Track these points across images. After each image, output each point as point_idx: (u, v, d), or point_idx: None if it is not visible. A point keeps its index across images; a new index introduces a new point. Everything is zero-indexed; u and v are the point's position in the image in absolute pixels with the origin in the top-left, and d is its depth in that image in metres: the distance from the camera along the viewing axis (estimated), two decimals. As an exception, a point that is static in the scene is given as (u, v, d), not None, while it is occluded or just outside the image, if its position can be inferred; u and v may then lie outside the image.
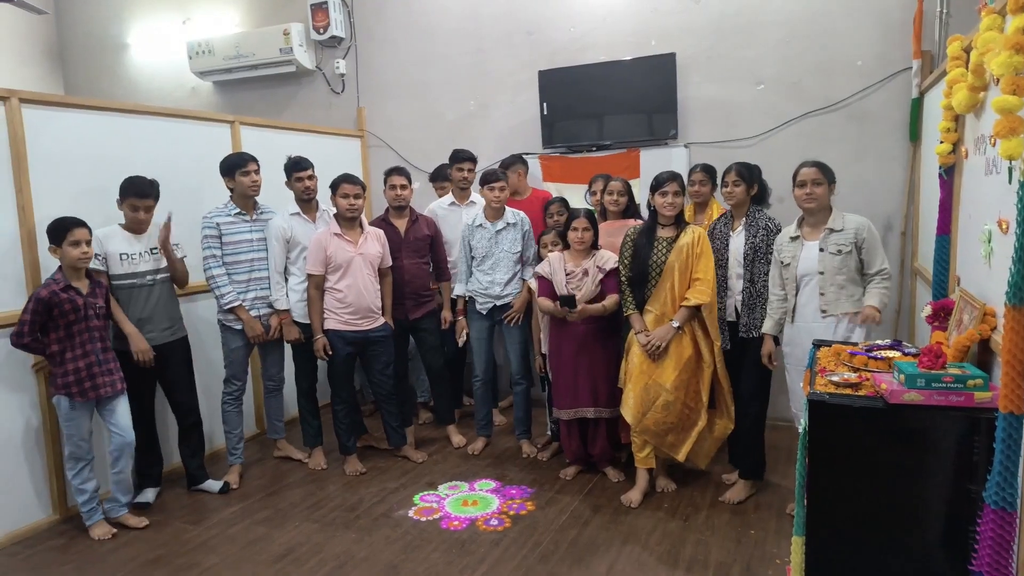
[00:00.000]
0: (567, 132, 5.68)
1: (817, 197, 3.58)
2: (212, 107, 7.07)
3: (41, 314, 3.59)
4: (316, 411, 4.78)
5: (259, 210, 4.50)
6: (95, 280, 3.82)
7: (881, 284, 3.49)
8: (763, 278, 3.82)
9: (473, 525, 3.84)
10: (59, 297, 3.60)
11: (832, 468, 2.42)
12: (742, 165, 3.96)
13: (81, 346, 3.69)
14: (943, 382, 2.25)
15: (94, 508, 3.82)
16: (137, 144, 4.38)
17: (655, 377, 3.91)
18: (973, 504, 2.19)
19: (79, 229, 3.63)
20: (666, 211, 3.91)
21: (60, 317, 3.62)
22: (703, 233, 3.94)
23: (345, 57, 6.49)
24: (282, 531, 3.87)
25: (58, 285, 3.62)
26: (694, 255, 3.87)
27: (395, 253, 4.70)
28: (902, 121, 4.79)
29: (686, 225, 3.98)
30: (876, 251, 3.51)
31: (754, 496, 4.01)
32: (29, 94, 3.89)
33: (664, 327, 3.89)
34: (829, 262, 3.53)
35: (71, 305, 3.63)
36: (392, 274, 4.69)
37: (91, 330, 3.72)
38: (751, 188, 3.93)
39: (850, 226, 3.52)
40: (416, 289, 4.79)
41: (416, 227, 4.81)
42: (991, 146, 2.45)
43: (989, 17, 2.34)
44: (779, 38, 5.08)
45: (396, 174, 4.77)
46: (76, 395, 3.67)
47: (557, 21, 5.71)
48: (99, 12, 7.56)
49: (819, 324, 3.56)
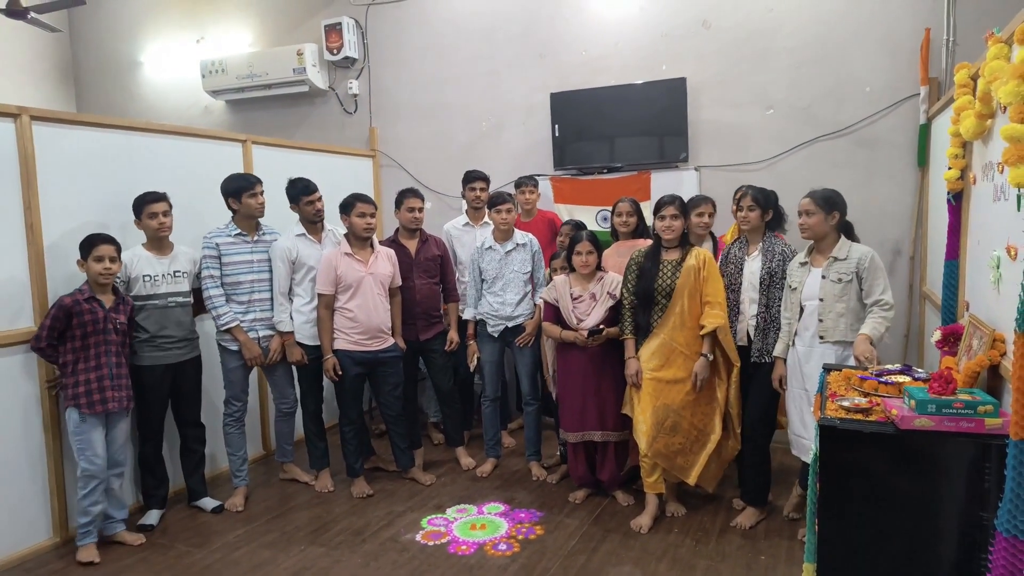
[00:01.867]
0: (578, 154, 5.71)
1: (809, 226, 3.59)
2: (225, 126, 7.14)
3: (61, 320, 3.64)
4: (323, 433, 4.76)
5: (261, 231, 4.50)
6: (121, 296, 3.87)
7: (878, 315, 3.42)
8: (777, 303, 3.81)
9: (481, 550, 3.81)
10: (81, 307, 3.65)
11: (843, 494, 2.41)
12: (758, 190, 3.96)
13: (96, 358, 3.72)
14: (954, 408, 2.25)
15: (90, 531, 3.79)
16: (148, 162, 4.40)
17: (663, 399, 3.91)
18: (985, 532, 2.18)
19: (104, 245, 3.70)
20: (665, 235, 3.95)
21: (79, 327, 3.67)
22: (708, 255, 3.95)
23: (358, 78, 6.56)
24: (287, 555, 3.85)
25: (83, 295, 3.68)
26: (701, 278, 3.88)
27: (406, 274, 4.72)
28: (910, 147, 4.81)
29: (690, 247, 3.99)
30: (876, 281, 3.48)
31: (765, 521, 3.98)
32: (40, 111, 3.90)
33: (700, 362, 3.89)
34: (829, 289, 3.53)
35: (91, 316, 3.67)
36: (403, 294, 4.71)
37: (108, 343, 3.75)
38: (766, 214, 3.93)
39: (853, 255, 3.52)
40: (427, 310, 4.80)
41: (426, 247, 4.83)
42: (999, 173, 2.46)
43: (996, 46, 2.36)
44: (789, 63, 5.12)
45: (412, 196, 4.78)
46: (84, 407, 3.68)
47: (570, 44, 5.77)
48: (112, 30, 7.67)
49: (816, 349, 3.55)
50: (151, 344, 4.08)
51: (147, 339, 4.07)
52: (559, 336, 4.20)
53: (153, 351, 4.09)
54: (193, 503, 4.42)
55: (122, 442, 3.91)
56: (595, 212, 5.62)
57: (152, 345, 4.09)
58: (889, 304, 3.49)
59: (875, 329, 3.39)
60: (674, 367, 3.91)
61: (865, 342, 3.32)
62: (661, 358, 3.94)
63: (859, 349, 3.30)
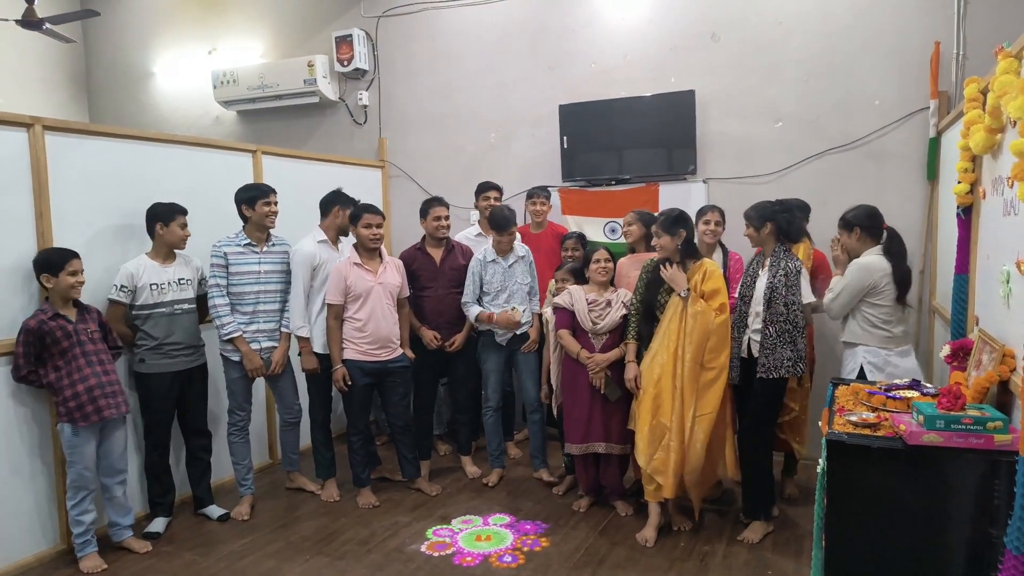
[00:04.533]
0: (587, 166, 5.72)
1: (845, 245, 3.91)
2: (235, 136, 7.18)
3: (33, 344, 3.62)
4: (330, 442, 4.76)
5: (271, 242, 4.50)
6: (83, 306, 3.85)
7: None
8: (779, 319, 3.75)
9: (486, 561, 3.80)
10: (48, 325, 3.63)
11: (850, 509, 2.40)
12: (750, 207, 3.96)
13: (79, 371, 3.70)
14: (962, 424, 2.23)
15: (88, 540, 3.79)
16: (160, 172, 4.43)
17: (659, 417, 3.90)
18: (994, 549, 2.16)
19: (77, 260, 3.72)
20: (659, 252, 4.00)
21: (53, 345, 3.65)
22: (710, 267, 3.92)
23: (368, 89, 6.59)
24: (293, 564, 3.84)
25: (46, 315, 3.65)
26: (699, 291, 3.87)
27: (430, 283, 4.75)
28: (920, 160, 4.80)
29: (696, 262, 3.96)
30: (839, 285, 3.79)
31: (772, 535, 3.95)
32: (53, 121, 3.93)
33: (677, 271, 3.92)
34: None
35: (62, 332, 3.66)
36: (427, 303, 4.73)
37: (87, 355, 3.74)
38: (760, 228, 3.88)
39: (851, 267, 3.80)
40: (451, 319, 4.81)
41: (452, 257, 4.85)
42: (1009, 187, 2.45)
43: (1006, 60, 2.36)
44: (798, 76, 5.11)
45: (438, 205, 4.80)
46: (79, 420, 3.67)
47: (578, 57, 5.78)
48: (125, 41, 7.72)
49: None
50: (158, 352, 4.10)
51: (155, 346, 4.09)
52: (576, 352, 4.19)
53: (161, 358, 4.11)
54: (199, 511, 4.43)
55: (121, 450, 3.91)
56: (603, 224, 5.61)
57: (159, 353, 4.10)
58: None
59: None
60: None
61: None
62: (659, 367, 3.93)
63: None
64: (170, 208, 4.10)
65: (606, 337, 4.17)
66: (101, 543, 3.88)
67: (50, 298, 3.72)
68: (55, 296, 3.70)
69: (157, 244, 4.14)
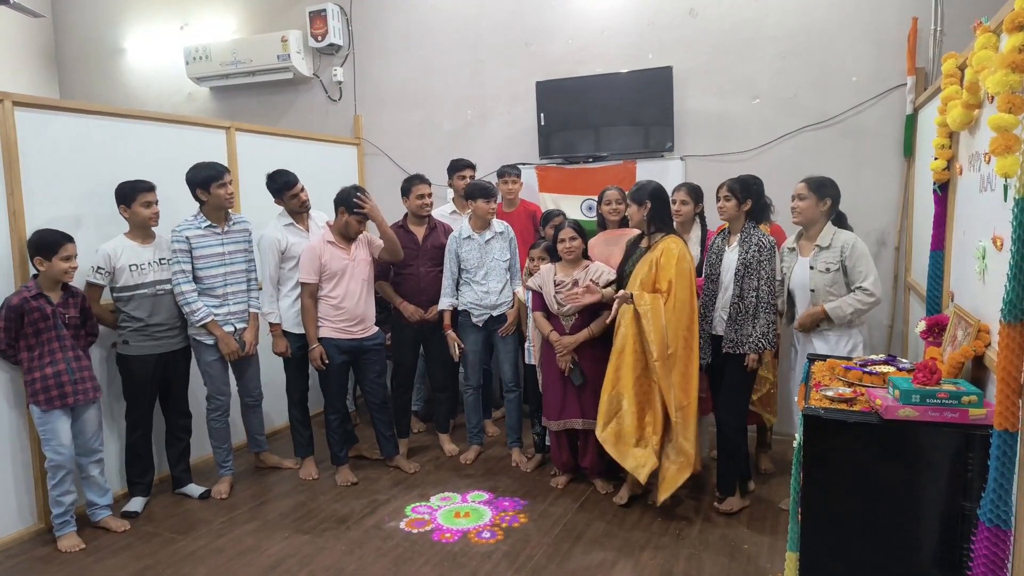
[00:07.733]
0: (564, 143, 5.69)
1: (801, 211, 3.77)
2: (209, 113, 7.07)
3: (14, 320, 3.61)
4: (307, 421, 4.75)
5: (231, 221, 4.40)
6: (70, 290, 3.82)
7: (851, 297, 3.63)
8: (751, 294, 3.74)
9: (465, 537, 3.81)
10: (29, 304, 3.62)
11: (826, 483, 2.42)
12: (735, 180, 3.90)
13: (50, 354, 3.68)
14: (938, 398, 2.25)
15: (67, 520, 3.78)
16: (132, 149, 4.36)
17: (619, 387, 3.93)
18: (967, 521, 2.19)
19: (71, 244, 3.69)
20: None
21: (29, 325, 3.64)
22: (668, 246, 3.85)
23: (343, 65, 6.50)
24: (271, 542, 3.84)
25: (29, 293, 3.63)
26: (658, 267, 3.84)
27: (412, 260, 4.73)
28: (896, 137, 4.81)
29: (663, 237, 3.92)
30: (859, 268, 3.64)
31: (747, 510, 3.99)
32: (22, 97, 3.86)
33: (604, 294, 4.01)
34: (819, 280, 3.71)
35: (40, 313, 3.64)
36: (408, 281, 4.74)
37: (61, 339, 3.72)
38: (742, 203, 3.85)
39: (836, 243, 3.67)
40: (431, 297, 4.79)
41: (434, 235, 4.83)
42: (986, 163, 2.46)
43: (984, 36, 2.35)
44: (775, 53, 5.10)
45: (421, 182, 4.77)
46: (43, 403, 3.66)
47: (555, 33, 5.73)
48: (96, 17, 7.56)
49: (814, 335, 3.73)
50: (143, 333, 4.06)
51: (139, 328, 4.05)
52: (547, 335, 4.21)
53: (145, 340, 4.07)
54: (178, 490, 4.41)
55: (94, 430, 3.89)
56: (580, 201, 5.60)
57: (144, 334, 4.06)
58: (870, 292, 3.55)
59: (838, 308, 3.56)
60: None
61: (810, 315, 3.64)
62: (620, 339, 3.96)
63: (803, 316, 3.66)
64: (132, 186, 4.00)
65: (575, 318, 4.18)
66: (79, 522, 3.88)
67: (39, 278, 3.68)
68: (45, 279, 3.68)
69: (131, 224, 4.08)
